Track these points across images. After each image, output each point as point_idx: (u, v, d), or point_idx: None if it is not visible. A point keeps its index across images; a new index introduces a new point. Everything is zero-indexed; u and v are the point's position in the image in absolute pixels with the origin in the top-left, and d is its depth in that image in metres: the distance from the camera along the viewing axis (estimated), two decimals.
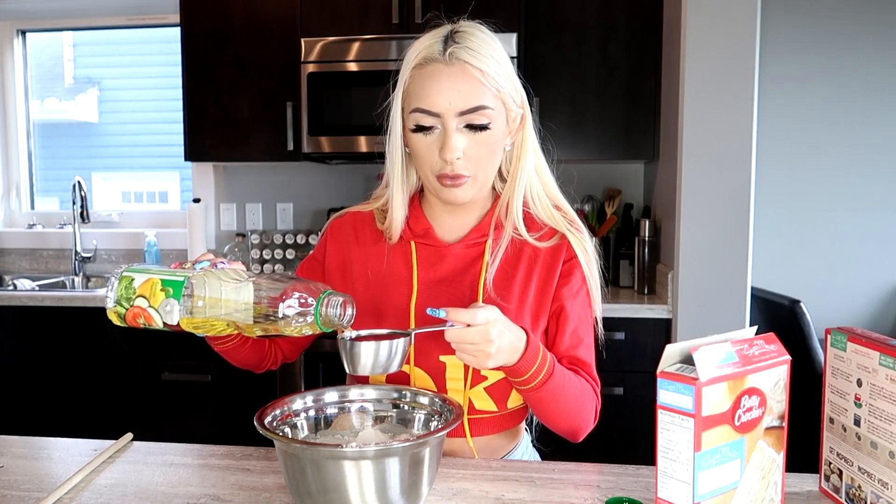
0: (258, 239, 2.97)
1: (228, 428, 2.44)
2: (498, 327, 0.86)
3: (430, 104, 0.95)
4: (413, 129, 0.98)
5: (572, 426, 1.02)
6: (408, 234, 1.07)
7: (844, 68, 2.96)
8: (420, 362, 1.02)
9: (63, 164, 3.34)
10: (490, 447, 1.07)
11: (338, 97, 2.53)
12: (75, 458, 0.99)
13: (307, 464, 0.75)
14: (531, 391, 0.94)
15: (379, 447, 0.74)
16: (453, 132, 0.95)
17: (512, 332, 0.89)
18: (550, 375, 0.94)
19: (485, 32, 0.98)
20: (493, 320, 0.86)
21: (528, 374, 0.92)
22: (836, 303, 3.02)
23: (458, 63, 0.94)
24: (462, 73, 0.94)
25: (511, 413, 1.06)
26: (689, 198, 2.15)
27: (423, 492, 0.80)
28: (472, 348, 0.86)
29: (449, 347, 0.90)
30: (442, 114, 0.95)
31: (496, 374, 1.01)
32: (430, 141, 0.97)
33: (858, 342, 0.79)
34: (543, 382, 0.93)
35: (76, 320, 2.47)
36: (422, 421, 0.91)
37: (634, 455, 2.16)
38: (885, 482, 0.76)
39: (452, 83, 0.94)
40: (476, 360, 0.87)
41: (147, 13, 3.12)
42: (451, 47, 0.94)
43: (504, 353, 0.88)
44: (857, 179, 3.00)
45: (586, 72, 2.46)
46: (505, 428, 1.07)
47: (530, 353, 0.91)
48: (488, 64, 0.95)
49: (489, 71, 0.94)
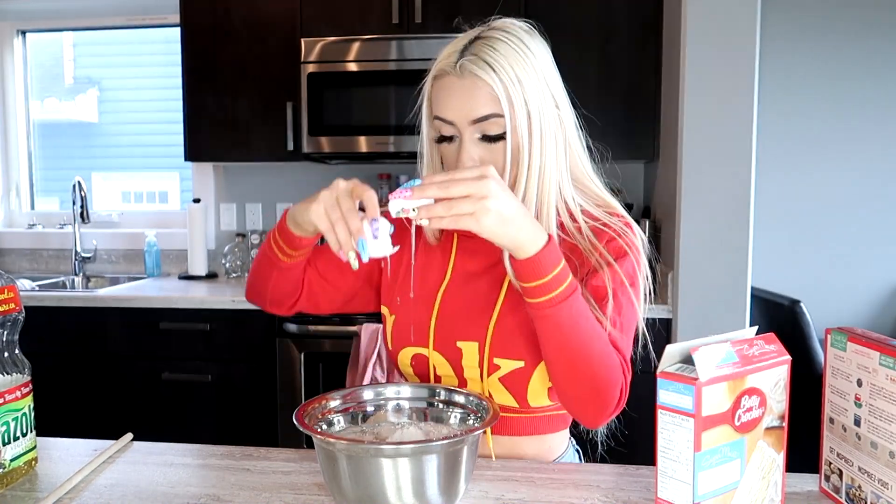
0: (258, 239, 2.97)
1: (228, 428, 2.44)
2: (499, 185, 0.79)
3: (445, 113, 0.97)
4: (436, 138, 1.00)
5: (595, 387, 0.90)
6: None
7: (845, 68, 2.96)
8: (439, 346, 1.02)
9: (63, 164, 3.34)
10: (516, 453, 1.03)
11: (338, 97, 2.53)
12: (75, 458, 0.99)
13: (345, 461, 0.75)
14: (549, 305, 0.85)
15: (417, 445, 0.75)
16: (467, 142, 0.96)
17: (521, 210, 0.82)
18: (574, 292, 0.86)
19: (509, 37, 0.96)
20: (491, 176, 0.79)
21: (548, 276, 0.84)
22: (836, 303, 3.02)
23: (468, 76, 0.94)
24: (472, 86, 0.94)
25: (537, 418, 1.02)
26: (689, 198, 2.15)
27: (460, 490, 0.80)
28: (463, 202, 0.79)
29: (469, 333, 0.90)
30: (455, 122, 0.96)
31: (511, 364, 0.98)
32: (452, 149, 0.99)
33: (858, 342, 0.79)
34: (565, 297, 0.85)
35: (76, 320, 2.47)
36: (458, 419, 0.91)
37: (634, 455, 2.16)
38: (885, 482, 0.76)
39: (463, 94, 0.95)
40: (473, 219, 0.79)
41: (147, 13, 3.12)
42: (463, 59, 0.94)
43: (512, 222, 0.81)
44: (858, 180, 3.00)
45: (586, 72, 2.46)
46: (531, 432, 1.03)
47: (551, 251, 0.84)
48: (502, 74, 0.93)
49: (503, 81, 0.93)
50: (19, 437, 0.90)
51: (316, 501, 0.85)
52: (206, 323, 2.43)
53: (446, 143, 0.99)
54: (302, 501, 0.85)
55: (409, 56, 2.46)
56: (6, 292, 0.91)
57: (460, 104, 0.95)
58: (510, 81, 0.93)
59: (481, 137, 0.96)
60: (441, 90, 0.97)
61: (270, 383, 2.42)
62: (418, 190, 0.81)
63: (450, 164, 1.00)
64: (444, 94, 0.97)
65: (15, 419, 0.90)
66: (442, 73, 0.97)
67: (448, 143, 0.99)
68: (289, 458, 0.99)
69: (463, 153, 0.96)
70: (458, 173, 0.81)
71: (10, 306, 0.91)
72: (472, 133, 0.96)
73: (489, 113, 0.94)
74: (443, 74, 0.97)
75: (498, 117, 0.94)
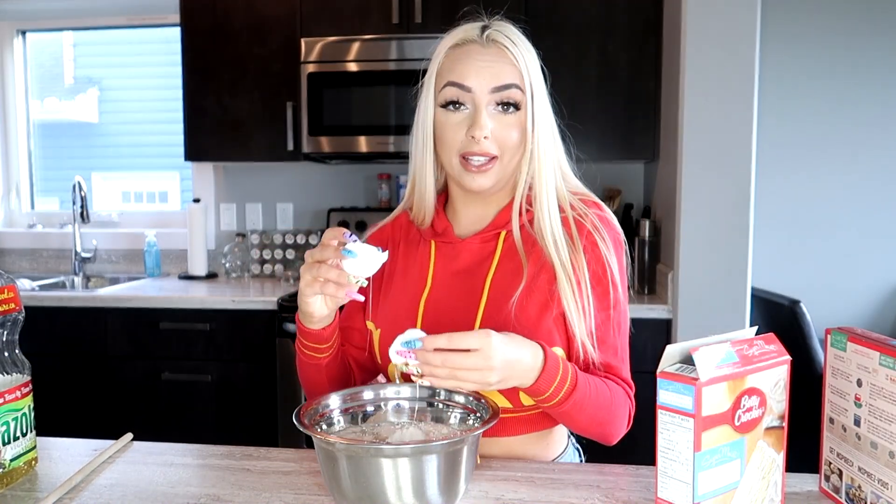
0: (258, 239, 2.97)
1: (228, 428, 2.44)
2: (498, 351, 0.82)
3: (464, 78, 0.97)
4: (443, 104, 0.99)
5: (602, 433, 0.99)
6: (428, 234, 1.08)
7: (845, 68, 2.96)
8: None
9: (63, 164, 3.35)
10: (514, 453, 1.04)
11: (338, 97, 2.53)
12: (75, 458, 0.99)
13: (345, 461, 0.75)
14: (554, 407, 0.91)
15: (417, 445, 0.75)
16: (483, 109, 0.97)
17: (521, 352, 0.86)
18: (574, 388, 0.90)
19: (517, 29, 1.02)
20: (488, 345, 0.82)
21: (548, 392, 0.89)
22: (836, 303, 3.02)
23: (494, 45, 0.98)
24: (498, 53, 0.98)
25: (532, 416, 1.02)
26: (689, 198, 2.15)
27: (460, 490, 0.80)
28: (471, 375, 0.83)
29: None
30: (474, 89, 0.97)
31: None
32: (460, 119, 0.99)
33: (858, 342, 0.79)
34: (567, 397, 0.90)
35: (76, 320, 2.48)
36: (458, 419, 0.90)
37: (634, 455, 2.16)
38: (885, 482, 0.75)
39: (487, 61, 0.97)
40: (477, 385, 0.84)
41: (147, 13, 3.12)
42: (489, 31, 0.99)
43: (514, 378, 0.86)
44: (858, 179, 3.00)
45: (586, 72, 2.46)
46: (528, 430, 1.03)
47: (549, 370, 0.88)
48: (524, 51, 0.99)
49: (524, 57, 0.98)
50: (19, 437, 0.90)
51: (316, 501, 0.85)
52: (206, 323, 2.43)
53: (452, 109, 0.99)
54: (302, 501, 0.85)
55: (409, 56, 2.46)
56: (6, 292, 0.91)
57: (483, 70, 0.97)
58: (530, 60, 0.99)
59: (497, 105, 0.98)
60: (462, 56, 0.98)
61: (270, 383, 2.42)
62: (420, 354, 0.84)
63: (454, 135, 0.98)
64: (466, 60, 0.98)
65: (15, 419, 0.90)
66: (463, 41, 0.99)
67: (454, 111, 0.99)
68: (289, 458, 0.99)
69: (479, 119, 0.96)
70: (459, 340, 0.82)
71: (10, 306, 0.91)
72: (489, 102, 0.98)
73: (511, 82, 0.97)
74: (464, 43, 0.99)
75: (517, 89, 0.98)
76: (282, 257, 2.94)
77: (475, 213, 1.07)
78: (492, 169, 0.98)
